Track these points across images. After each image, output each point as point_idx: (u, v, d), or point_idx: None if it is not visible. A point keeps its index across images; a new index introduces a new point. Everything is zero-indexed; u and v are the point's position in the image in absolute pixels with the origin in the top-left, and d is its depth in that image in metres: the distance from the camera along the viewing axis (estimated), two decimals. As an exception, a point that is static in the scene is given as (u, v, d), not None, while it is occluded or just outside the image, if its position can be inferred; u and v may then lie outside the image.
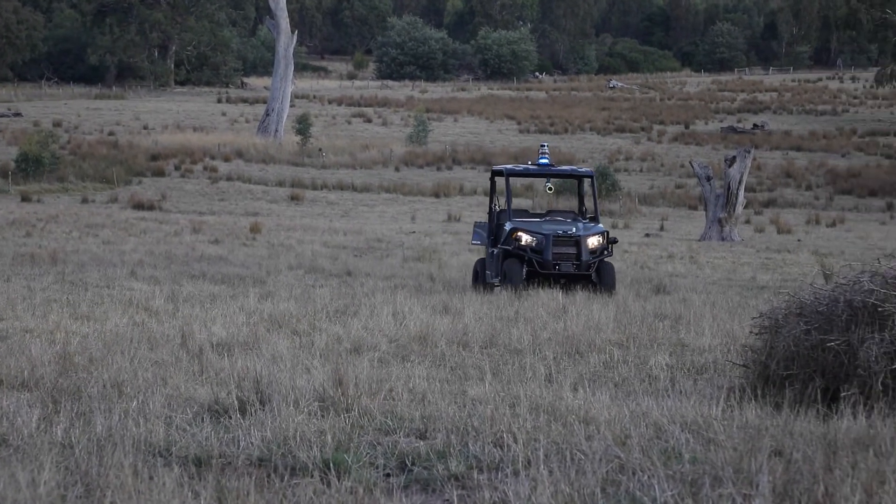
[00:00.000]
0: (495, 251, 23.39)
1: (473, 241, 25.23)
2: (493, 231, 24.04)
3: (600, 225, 24.27)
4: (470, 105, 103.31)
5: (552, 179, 28.57)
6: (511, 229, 23.30)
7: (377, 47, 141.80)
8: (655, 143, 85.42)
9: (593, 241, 23.19)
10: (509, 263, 22.93)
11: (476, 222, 26.29)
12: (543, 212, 26.39)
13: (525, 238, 23.08)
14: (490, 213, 24.78)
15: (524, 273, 22.82)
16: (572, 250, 22.95)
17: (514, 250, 23.03)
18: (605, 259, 23.40)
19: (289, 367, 11.10)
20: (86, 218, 41.72)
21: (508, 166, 26.56)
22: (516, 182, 54.97)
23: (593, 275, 22.91)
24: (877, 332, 9.88)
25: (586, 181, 25.87)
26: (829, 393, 9.93)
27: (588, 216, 24.74)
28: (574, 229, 23.34)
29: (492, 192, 25.03)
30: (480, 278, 23.59)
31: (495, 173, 25.43)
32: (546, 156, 24.95)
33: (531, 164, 25.66)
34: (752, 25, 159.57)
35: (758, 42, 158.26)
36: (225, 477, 7.21)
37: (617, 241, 24.84)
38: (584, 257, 22.84)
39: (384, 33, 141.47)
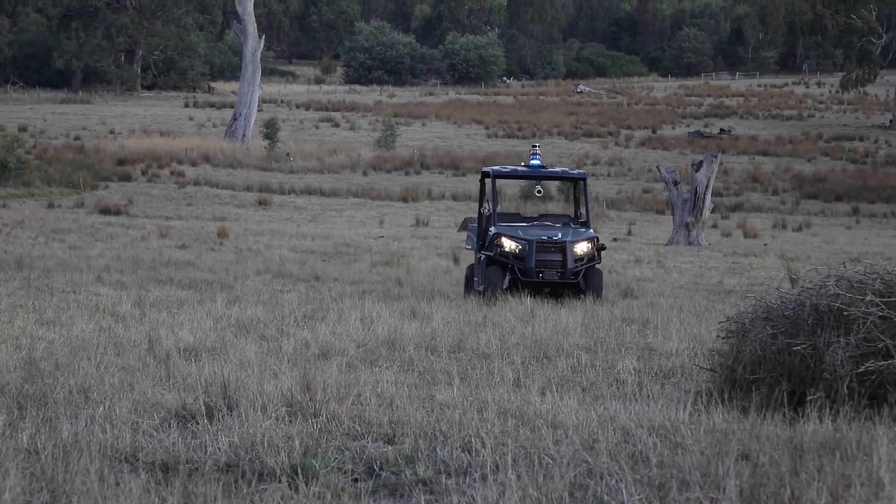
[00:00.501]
0: (482, 257, 22.58)
1: (466, 246, 24.60)
2: (481, 236, 23.11)
3: (591, 230, 23.06)
4: (438, 110, 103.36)
5: (545, 182, 28.67)
6: (494, 234, 22.38)
7: (345, 52, 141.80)
8: (623, 147, 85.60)
9: (581, 248, 22.19)
10: (491, 271, 22.06)
11: (470, 226, 25.37)
12: (536, 216, 24.94)
13: (508, 244, 22.15)
14: (479, 217, 23.84)
15: (507, 281, 21.88)
16: (557, 257, 21.97)
17: (496, 257, 22.15)
18: (594, 265, 22.35)
19: (256, 373, 11.07)
20: (52, 223, 41.56)
21: (496, 167, 24.94)
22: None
23: (581, 282, 22.01)
24: (842, 336, 9.91)
25: (580, 184, 24.53)
26: (795, 397, 9.97)
27: (580, 221, 23.73)
28: (560, 235, 22.30)
29: (481, 194, 24.24)
30: (471, 285, 22.86)
31: (485, 175, 24.34)
32: (537, 156, 23.85)
33: (522, 166, 24.74)
34: (718, 31, 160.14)
35: (724, 47, 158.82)
36: (192, 483, 7.19)
37: (605, 248, 23.80)
38: (570, 265, 21.84)
39: (352, 38, 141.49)
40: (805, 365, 10.06)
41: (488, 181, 24.10)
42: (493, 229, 22.60)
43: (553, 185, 62.45)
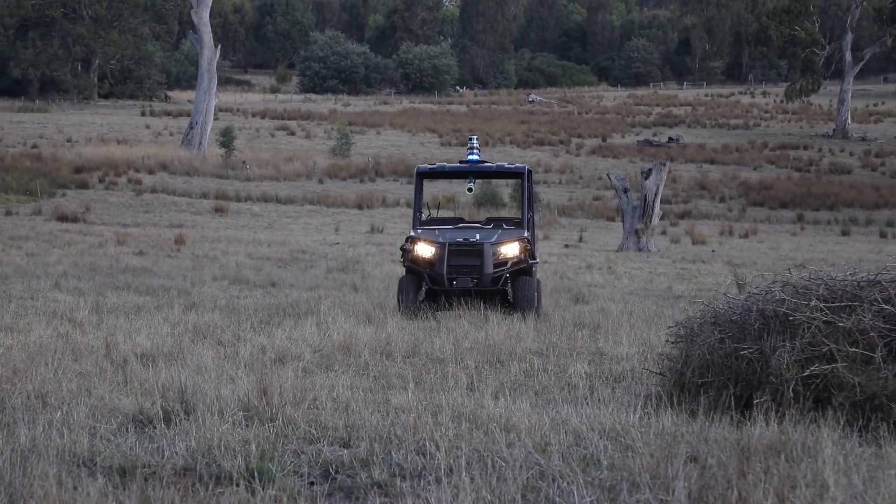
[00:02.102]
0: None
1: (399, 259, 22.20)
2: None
3: (524, 231, 20.00)
4: (392, 118, 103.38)
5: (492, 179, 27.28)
6: (409, 239, 19.79)
7: (300, 61, 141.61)
8: (574, 155, 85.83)
9: (505, 251, 19.33)
10: (404, 281, 19.44)
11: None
12: (485, 219, 22.22)
13: (422, 249, 19.35)
14: (414, 221, 20.86)
15: (423, 292, 19.28)
16: (474, 261, 19.10)
17: (408, 264, 19.51)
18: (526, 271, 19.56)
19: (213, 377, 11.04)
20: (9, 230, 41.31)
21: (425, 165, 21.85)
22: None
23: (509, 291, 19.30)
24: (788, 341, 9.97)
25: (522, 180, 21.01)
26: (742, 400, 10.01)
27: (514, 221, 20.96)
28: (478, 236, 19.44)
29: (417, 196, 21.15)
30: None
31: (428, 175, 21.70)
32: (475, 151, 20.94)
33: (460, 162, 21.53)
34: (666, 41, 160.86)
35: (672, 57, 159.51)
36: (149, 486, 7.16)
37: (536, 261, 20.57)
38: (488, 270, 19.01)
39: (307, 48, 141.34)
40: (752, 369, 10.11)
41: (427, 181, 22.37)
42: (411, 233, 20.14)
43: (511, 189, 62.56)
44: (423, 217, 21.08)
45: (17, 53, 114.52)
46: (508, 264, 19.34)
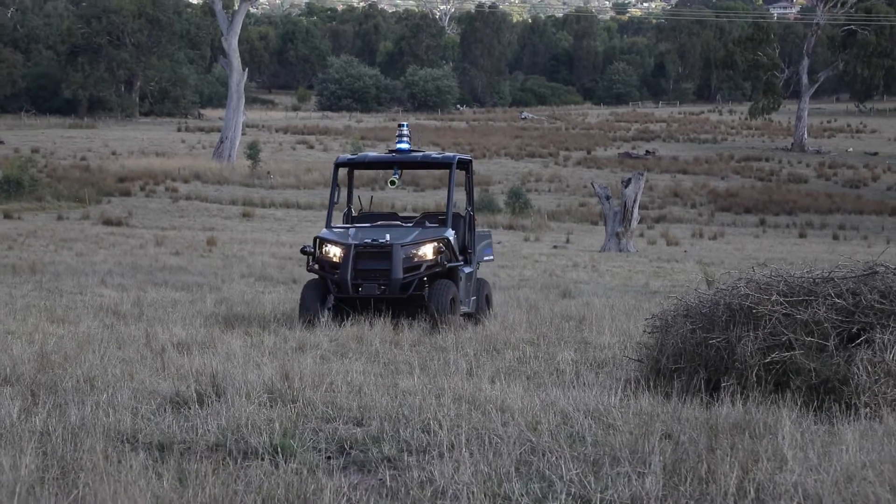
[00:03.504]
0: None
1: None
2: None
3: (446, 230, 16.15)
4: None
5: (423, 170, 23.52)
6: (318, 240, 16.10)
7: (318, 83, 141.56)
8: (562, 166, 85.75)
9: (420, 253, 15.66)
10: (308, 288, 15.79)
11: None
12: (419, 215, 18.00)
13: (327, 251, 15.82)
14: (328, 219, 17.09)
15: (330, 300, 15.65)
16: (382, 265, 15.45)
17: (311, 269, 16.02)
18: (446, 276, 15.89)
19: (241, 364, 11.05)
20: (61, 233, 41.31)
21: (345, 155, 17.80)
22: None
23: (427, 296, 15.52)
24: (751, 331, 9.97)
25: (451, 170, 16.85)
26: (711, 384, 10.02)
27: (440, 217, 16.86)
28: (389, 236, 15.65)
29: (333, 189, 16.96)
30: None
31: (347, 165, 17.52)
32: (405, 139, 17.10)
33: (388, 152, 17.65)
34: (644, 65, 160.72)
35: (649, 79, 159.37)
36: (185, 460, 7.17)
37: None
38: (396, 275, 15.33)
39: (324, 71, 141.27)
40: (719, 356, 10.11)
41: (363, 172, 18.67)
42: (322, 233, 16.37)
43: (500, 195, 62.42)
44: (355, 212, 17.75)
45: (68, 76, 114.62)
46: (422, 268, 15.59)
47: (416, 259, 15.68)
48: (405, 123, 17.86)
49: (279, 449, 7.55)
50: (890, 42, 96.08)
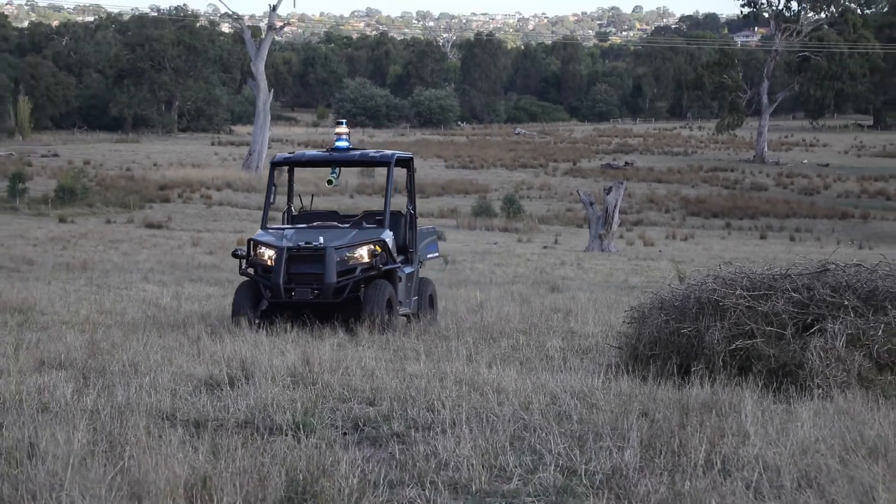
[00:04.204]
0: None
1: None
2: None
3: (385, 231, 14.18)
4: (407, 147, 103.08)
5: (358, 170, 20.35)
6: (251, 242, 14.06)
7: (335, 102, 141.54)
8: (551, 176, 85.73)
9: (355, 255, 13.74)
10: (240, 291, 13.88)
11: None
12: (359, 214, 15.67)
13: (259, 254, 13.82)
14: (263, 219, 14.92)
15: (263, 304, 13.70)
16: (315, 269, 13.50)
17: (244, 272, 14.04)
18: (385, 278, 13.87)
19: (267, 351, 11.05)
20: (109, 235, 41.37)
21: (281, 154, 15.73)
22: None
23: (362, 299, 13.61)
24: (718, 322, 9.98)
25: (389, 169, 14.90)
26: (682, 368, 10.02)
27: (377, 218, 14.88)
28: (323, 239, 13.68)
29: (269, 190, 15.03)
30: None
31: (284, 164, 15.41)
32: (343, 137, 15.00)
33: (325, 150, 15.46)
34: (623, 86, 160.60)
35: (628, 99, 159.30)
36: (218, 435, 7.18)
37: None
38: (329, 279, 13.37)
39: (341, 91, 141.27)
40: (690, 343, 10.12)
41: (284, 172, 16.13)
42: (256, 235, 14.38)
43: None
44: (296, 211, 15.65)
45: (115, 97, 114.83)
46: (357, 271, 13.64)
47: (350, 262, 13.68)
48: (344, 121, 15.87)
49: (301, 426, 7.55)
50: (839, 67, 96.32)
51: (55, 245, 36.31)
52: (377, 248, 13.84)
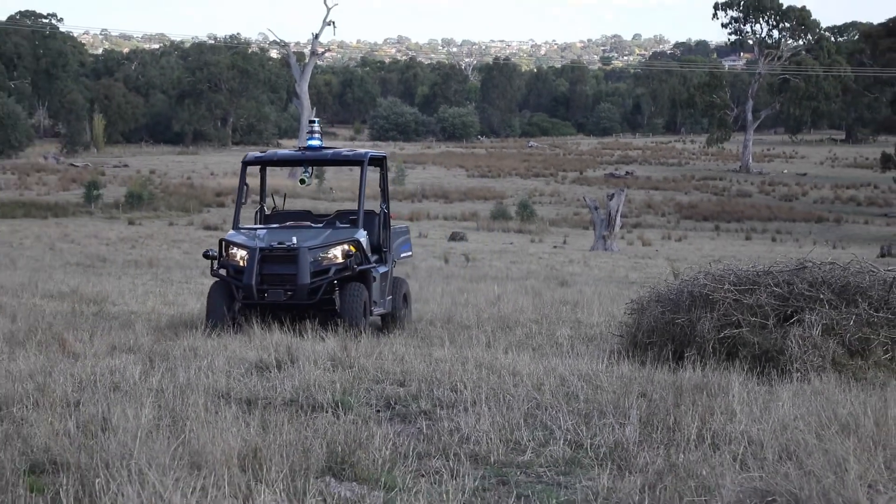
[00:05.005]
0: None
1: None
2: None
3: (359, 231, 12.61)
4: (433, 158, 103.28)
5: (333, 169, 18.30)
6: (223, 242, 12.57)
7: (370, 119, 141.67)
8: (560, 184, 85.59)
9: (329, 256, 12.18)
10: (213, 292, 12.30)
11: None
12: (332, 214, 14.07)
13: (231, 255, 12.35)
14: (235, 219, 13.46)
15: (236, 306, 12.18)
16: (288, 270, 11.97)
17: (216, 273, 12.47)
18: (358, 279, 12.32)
19: (310, 337, 11.07)
20: (171, 235, 41.53)
21: (253, 153, 14.30)
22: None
23: (336, 301, 12.21)
24: (708, 313, 9.95)
25: (362, 168, 13.24)
26: (677, 354, 10.00)
27: (351, 217, 13.30)
28: (296, 239, 12.16)
29: (241, 189, 13.63)
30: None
31: (256, 163, 13.94)
32: (315, 136, 13.42)
33: (297, 149, 13.93)
34: (624, 105, 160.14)
35: (628, 116, 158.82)
36: (267, 412, 7.19)
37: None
38: (303, 280, 11.89)
39: (375, 109, 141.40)
40: (683, 332, 10.09)
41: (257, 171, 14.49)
42: (230, 234, 12.84)
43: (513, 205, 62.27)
44: (268, 211, 14.19)
45: (177, 115, 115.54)
46: (331, 272, 12.08)
47: (324, 262, 12.09)
48: (316, 120, 14.09)
49: (339, 404, 7.56)
50: (816, 88, 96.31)
51: (125, 244, 36.48)
52: (351, 248, 12.24)
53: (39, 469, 5.82)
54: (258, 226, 13.27)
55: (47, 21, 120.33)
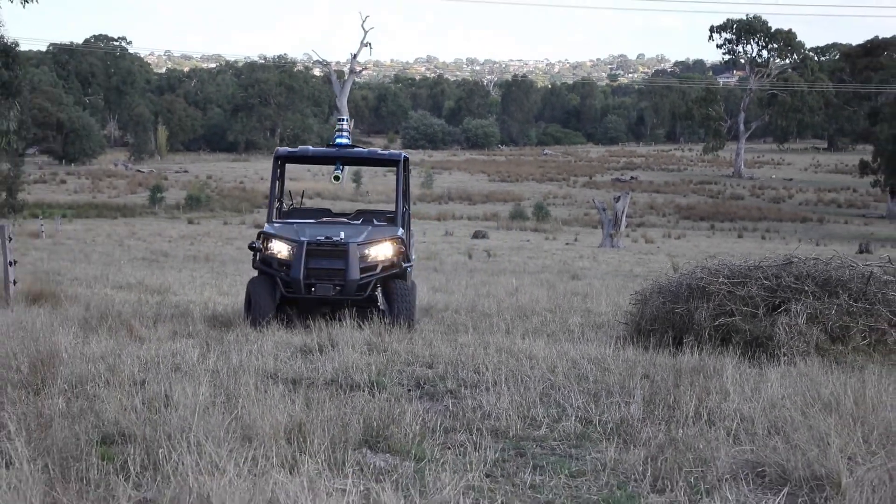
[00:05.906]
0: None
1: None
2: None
3: (399, 229, 11.45)
4: (458, 164, 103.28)
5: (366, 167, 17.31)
6: (262, 236, 11.18)
7: (402, 129, 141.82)
8: (572, 187, 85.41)
9: (376, 252, 10.92)
10: (256, 287, 10.84)
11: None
12: (353, 211, 13.04)
13: (277, 248, 10.92)
14: (269, 213, 11.87)
15: (277, 299, 10.84)
16: (337, 265, 10.72)
17: (258, 266, 11.10)
18: (400, 277, 11.15)
19: (348, 325, 11.08)
20: (225, 234, 41.70)
21: (284, 148, 12.11)
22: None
23: (379, 298, 11.09)
24: (704, 303, 9.89)
25: (398, 168, 11.88)
26: (676, 340, 9.95)
27: (386, 216, 12.24)
28: (343, 234, 10.88)
29: (274, 183, 12.11)
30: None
31: (287, 158, 11.97)
32: (344, 134, 12.04)
33: (328, 146, 12.23)
34: (629, 117, 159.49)
35: (633, 126, 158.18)
36: (310, 391, 7.21)
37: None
38: (353, 275, 10.70)
39: (406, 121, 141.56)
40: (682, 321, 10.04)
41: (291, 166, 12.14)
42: (267, 228, 11.27)
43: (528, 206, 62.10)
44: (286, 208, 12.66)
45: (231, 126, 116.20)
46: (379, 268, 10.94)
47: (371, 259, 10.88)
48: (345, 118, 12.81)
49: (375, 384, 7.57)
50: (801, 102, 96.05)
51: (185, 241, 36.66)
52: (398, 245, 11.07)
53: (110, 440, 5.85)
54: (291, 220, 11.74)
55: (118, 44, 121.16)
